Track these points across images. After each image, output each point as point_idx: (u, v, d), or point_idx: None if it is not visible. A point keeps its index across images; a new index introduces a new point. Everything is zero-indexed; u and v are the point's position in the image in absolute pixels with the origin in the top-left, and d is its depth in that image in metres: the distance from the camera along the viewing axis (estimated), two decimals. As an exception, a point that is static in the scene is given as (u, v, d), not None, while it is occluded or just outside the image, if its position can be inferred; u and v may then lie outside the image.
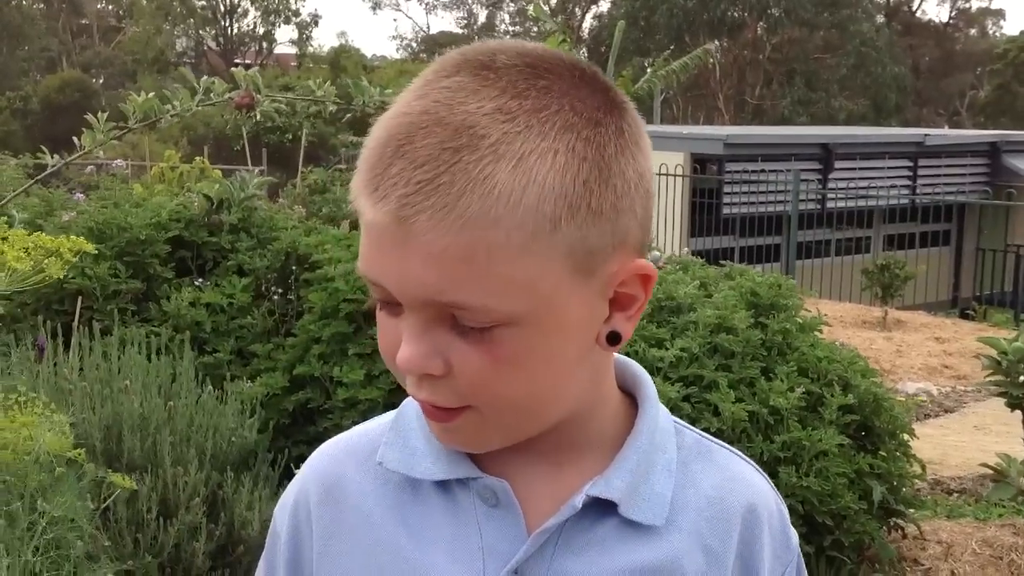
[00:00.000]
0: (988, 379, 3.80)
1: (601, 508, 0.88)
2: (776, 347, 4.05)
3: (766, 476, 0.99)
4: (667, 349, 3.83)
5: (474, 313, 0.78)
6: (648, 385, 0.95)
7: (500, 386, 0.80)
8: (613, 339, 0.84)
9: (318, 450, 1.03)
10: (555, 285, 0.78)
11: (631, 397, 0.96)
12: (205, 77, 4.97)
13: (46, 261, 1.78)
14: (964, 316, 13.25)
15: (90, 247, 1.90)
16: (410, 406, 0.96)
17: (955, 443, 7.11)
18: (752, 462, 0.99)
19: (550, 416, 0.86)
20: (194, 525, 3.41)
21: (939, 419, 7.96)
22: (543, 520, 0.88)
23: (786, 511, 0.98)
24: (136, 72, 39.00)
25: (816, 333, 4.30)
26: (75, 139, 4.69)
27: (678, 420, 0.98)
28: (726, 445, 0.98)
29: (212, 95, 4.90)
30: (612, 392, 0.93)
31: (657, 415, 0.94)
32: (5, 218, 2.38)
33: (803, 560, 0.99)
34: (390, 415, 1.01)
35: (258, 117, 4.74)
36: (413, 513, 0.91)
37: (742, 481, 0.95)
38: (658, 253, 5.69)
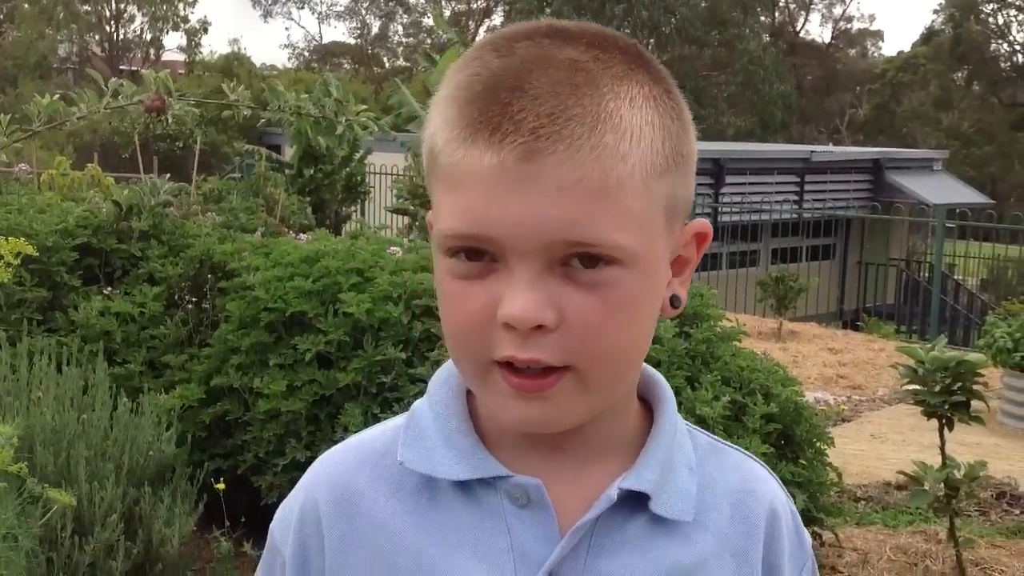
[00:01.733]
0: (905, 387, 3.88)
1: (631, 506, 0.86)
2: (700, 356, 4.07)
3: (776, 476, 0.98)
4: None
5: (600, 249, 0.77)
6: (665, 387, 0.94)
7: (609, 334, 0.79)
8: (675, 302, 0.85)
9: (322, 459, 0.97)
10: (656, 229, 0.80)
11: (644, 402, 0.94)
12: (113, 79, 4.81)
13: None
14: (853, 327, 13.60)
15: (30, 249, 1.80)
16: (423, 408, 0.92)
17: (854, 452, 7.27)
18: (761, 462, 0.98)
19: (632, 380, 0.87)
20: (110, 543, 3.28)
21: (837, 428, 8.11)
22: (574, 520, 0.85)
23: (797, 512, 0.98)
24: (17, 77, 37.77)
25: (735, 343, 4.35)
26: (-27, 141, 4.50)
27: (688, 423, 0.97)
28: (734, 446, 0.97)
29: (121, 98, 4.74)
30: (634, 393, 0.92)
31: (675, 416, 0.93)
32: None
33: (816, 563, 0.99)
34: (394, 421, 0.97)
35: (169, 121, 4.60)
36: (433, 518, 0.87)
37: (760, 481, 0.95)
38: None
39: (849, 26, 49.27)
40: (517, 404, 0.81)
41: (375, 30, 48.38)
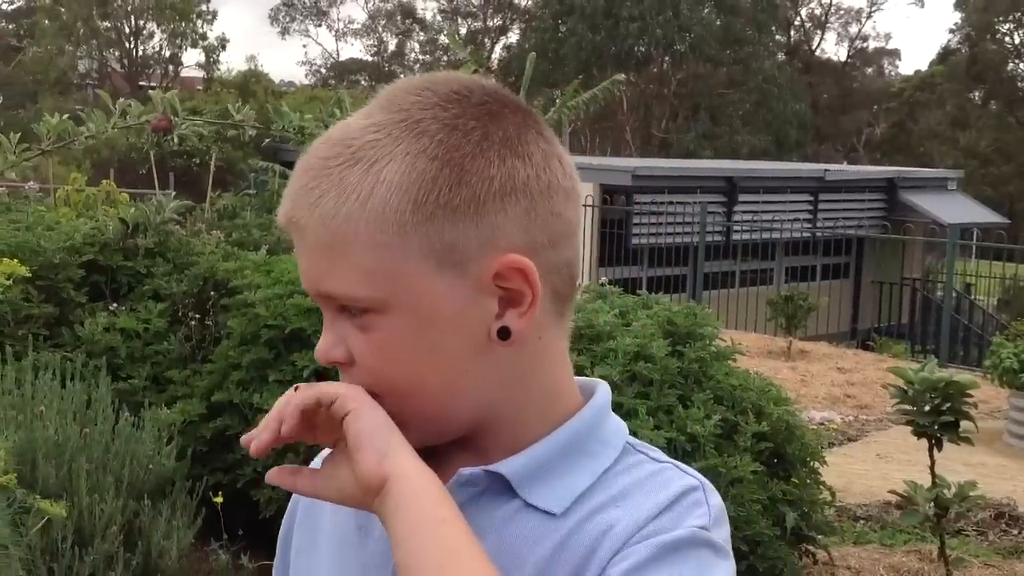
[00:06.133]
0: (895, 408, 3.92)
1: (506, 491, 0.92)
2: (693, 375, 4.12)
3: (697, 476, 0.95)
4: (587, 377, 3.87)
5: (341, 299, 0.88)
6: (593, 401, 0.98)
7: (386, 371, 0.88)
8: (503, 334, 0.90)
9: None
10: (415, 276, 0.87)
11: None
12: (121, 99, 4.91)
13: (-20, 283, 1.76)
14: (865, 347, 13.60)
15: (24, 270, 1.87)
16: None
17: (859, 471, 7.29)
18: (685, 469, 0.96)
19: (455, 408, 0.91)
20: (110, 554, 3.35)
21: (843, 447, 8.15)
22: None
23: (704, 505, 0.92)
24: (37, 93, 38.10)
25: (729, 362, 4.40)
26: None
27: (643, 445, 0.99)
28: (676, 463, 0.96)
29: (128, 117, 4.84)
30: (558, 403, 0.96)
31: (592, 426, 0.96)
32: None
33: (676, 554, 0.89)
34: None
35: (176, 140, 4.69)
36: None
37: (659, 480, 0.93)
38: (577, 282, 5.74)
39: (865, 45, 49.27)
40: None
41: (392, 47, 48.66)
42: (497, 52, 44.15)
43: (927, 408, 3.80)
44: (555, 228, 0.91)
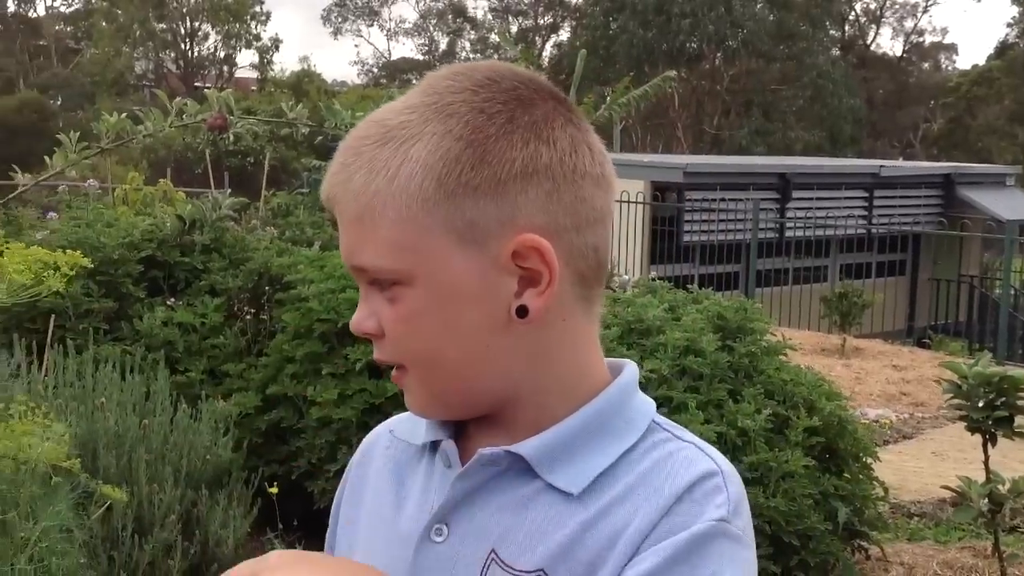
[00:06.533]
0: (949, 403, 3.89)
1: (527, 471, 0.94)
2: (743, 370, 4.12)
3: (717, 459, 0.95)
4: (617, 358, 3.89)
5: (370, 272, 0.93)
6: (619, 380, 0.99)
7: (410, 343, 0.93)
8: (521, 312, 0.92)
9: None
10: (438, 250, 0.90)
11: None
12: (178, 98, 4.99)
13: (46, 274, 1.81)
14: (921, 345, 13.44)
15: (87, 261, 1.93)
16: None
17: (914, 468, 7.22)
18: (707, 450, 0.96)
19: (477, 383, 0.95)
20: (169, 543, 3.42)
21: (898, 445, 8.07)
22: None
23: (727, 492, 0.92)
24: (95, 94, 38.71)
25: (781, 357, 4.39)
26: (47, 158, 4.70)
27: (671, 424, 1.00)
28: (699, 443, 0.97)
29: (184, 116, 4.92)
30: (584, 384, 0.97)
31: (617, 405, 0.97)
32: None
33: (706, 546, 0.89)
34: None
35: (231, 139, 4.76)
36: (408, 475, 1.03)
37: (678, 461, 0.93)
38: (627, 277, 5.76)
39: (921, 39, 48.63)
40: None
41: (443, 47, 48.81)
42: (548, 50, 44.15)
43: (981, 403, 3.77)
44: (580, 212, 0.93)
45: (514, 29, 43.17)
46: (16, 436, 1.63)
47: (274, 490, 3.84)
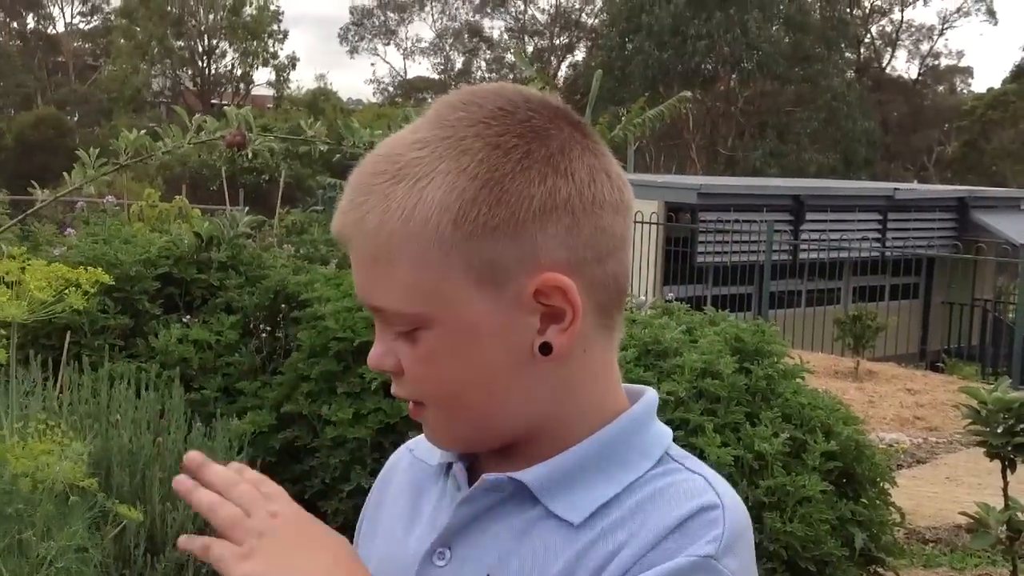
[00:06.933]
0: (967, 428, 3.86)
1: (530, 498, 0.93)
2: (760, 392, 4.09)
3: (722, 492, 0.93)
4: (638, 385, 3.86)
5: (389, 316, 0.91)
6: (632, 410, 0.98)
7: (430, 383, 0.92)
8: (544, 350, 0.91)
9: None
10: (457, 292, 0.88)
11: None
12: (197, 115, 5.01)
13: (67, 291, 1.81)
14: (934, 369, 13.38)
15: (108, 278, 1.92)
16: None
17: (928, 494, 7.17)
18: (714, 482, 0.95)
19: (499, 420, 0.93)
20: (181, 562, 3.40)
21: (912, 470, 8.03)
22: None
23: (730, 522, 0.91)
24: (112, 110, 38.93)
25: (798, 380, 4.36)
26: (65, 175, 4.71)
27: (683, 455, 0.99)
28: (706, 474, 0.96)
29: (203, 133, 4.93)
30: (601, 413, 0.96)
31: (628, 434, 0.96)
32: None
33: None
34: None
35: (250, 155, 4.77)
36: (423, 495, 1.03)
37: (680, 492, 0.92)
38: (643, 298, 5.75)
39: (936, 63, 48.64)
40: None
41: (459, 66, 48.98)
42: (563, 70, 44.26)
43: (1000, 429, 3.73)
44: (601, 243, 0.92)
45: (530, 49, 43.31)
46: (35, 455, 1.63)
47: (288, 509, 3.82)
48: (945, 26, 48.78)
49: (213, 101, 40.64)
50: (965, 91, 49.94)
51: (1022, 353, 13.19)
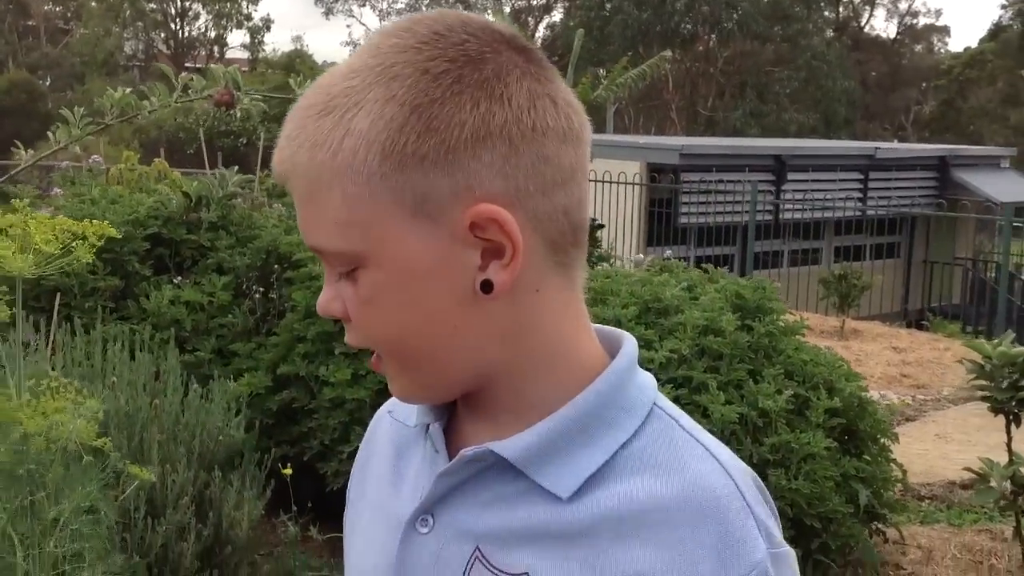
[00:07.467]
0: (971, 383, 3.84)
1: (513, 468, 0.88)
2: (763, 350, 4.06)
3: (729, 466, 0.88)
4: (656, 351, 3.83)
5: (328, 256, 0.87)
6: (614, 365, 0.91)
7: (374, 327, 0.87)
8: (485, 287, 0.85)
9: None
10: (390, 228, 0.83)
11: None
12: (184, 73, 4.90)
13: (74, 244, 1.74)
14: (918, 327, 13.43)
15: (115, 232, 1.85)
16: None
17: (918, 451, 7.19)
18: (714, 449, 0.89)
19: (450, 364, 0.88)
20: (182, 525, 3.35)
21: (901, 428, 8.03)
22: None
23: (756, 524, 0.85)
24: (84, 74, 38.46)
25: (798, 337, 4.33)
26: (50, 134, 4.60)
27: (669, 407, 0.92)
28: (704, 441, 0.90)
29: (191, 92, 4.83)
30: (567, 360, 0.90)
31: (611, 396, 0.89)
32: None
33: None
34: None
35: (238, 115, 4.67)
36: (404, 458, 0.99)
37: (705, 504, 0.85)
38: (641, 256, 5.70)
39: (915, 21, 48.59)
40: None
41: (405, 16, 48.56)
42: (541, 31, 43.99)
43: (1004, 384, 3.71)
44: (545, 173, 0.85)
45: (507, 9, 42.98)
46: (48, 414, 1.56)
47: (288, 471, 3.77)
48: (923, -15, 48.70)
49: (187, 64, 40.18)
50: (943, 50, 49.97)
51: (1004, 311, 13.25)
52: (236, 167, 5.08)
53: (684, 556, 0.82)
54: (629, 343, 0.93)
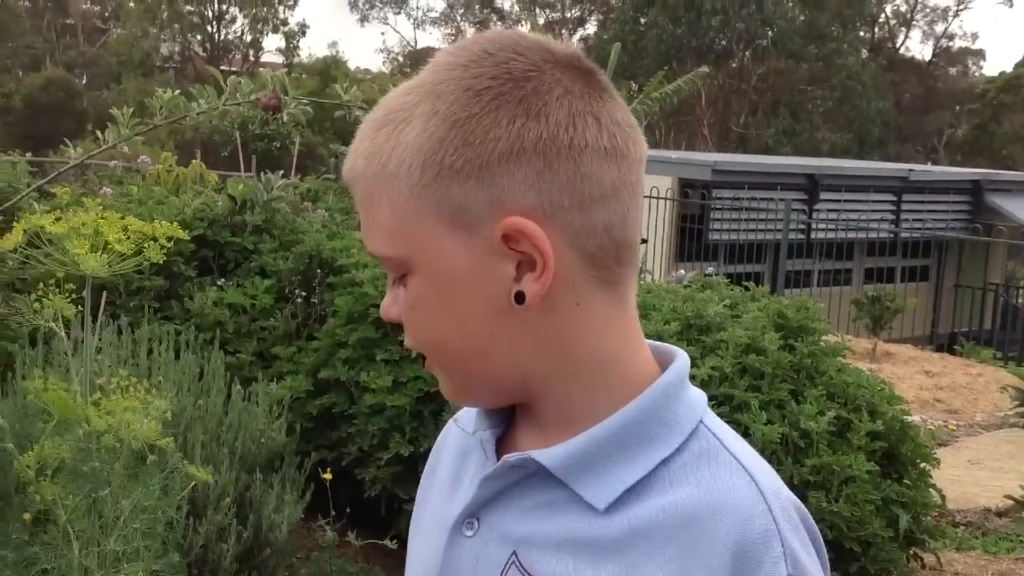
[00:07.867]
0: (1015, 410, 3.80)
1: (554, 478, 0.90)
2: (805, 370, 4.04)
3: (765, 489, 0.88)
4: (698, 368, 3.82)
5: (382, 261, 0.92)
6: (663, 378, 0.92)
7: (419, 331, 0.91)
8: (519, 298, 0.88)
9: None
10: (431, 237, 0.88)
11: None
12: (232, 76, 4.93)
13: (146, 244, 1.75)
14: (950, 351, 13.33)
15: (182, 233, 1.86)
16: None
17: (952, 477, 7.12)
18: (764, 486, 0.88)
19: (488, 371, 0.91)
20: (223, 526, 3.36)
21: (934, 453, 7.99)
22: None
23: (784, 546, 0.85)
24: (120, 74, 38.76)
25: (840, 358, 4.31)
26: (99, 133, 4.64)
27: (717, 426, 0.92)
28: (747, 464, 0.89)
29: (238, 95, 4.86)
30: (614, 374, 0.91)
31: (656, 409, 0.90)
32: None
33: None
34: None
35: (284, 119, 4.70)
36: (465, 463, 1.02)
37: (727, 512, 0.86)
38: (683, 272, 5.69)
39: (951, 44, 48.28)
40: None
41: (469, 36, 48.68)
42: (575, 43, 44.00)
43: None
44: (582, 190, 0.87)
45: (541, 21, 43.06)
46: (118, 412, 1.57)
47: (328, 475, 3.78)
48: (960, 7, 48.58)
49: (222, 67, 40.43)
50: (977, 74, 49.64)
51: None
52: (281, 172, 5.10)
53: (702, 564, 0.84)
54: (681, 359, 0.95)
